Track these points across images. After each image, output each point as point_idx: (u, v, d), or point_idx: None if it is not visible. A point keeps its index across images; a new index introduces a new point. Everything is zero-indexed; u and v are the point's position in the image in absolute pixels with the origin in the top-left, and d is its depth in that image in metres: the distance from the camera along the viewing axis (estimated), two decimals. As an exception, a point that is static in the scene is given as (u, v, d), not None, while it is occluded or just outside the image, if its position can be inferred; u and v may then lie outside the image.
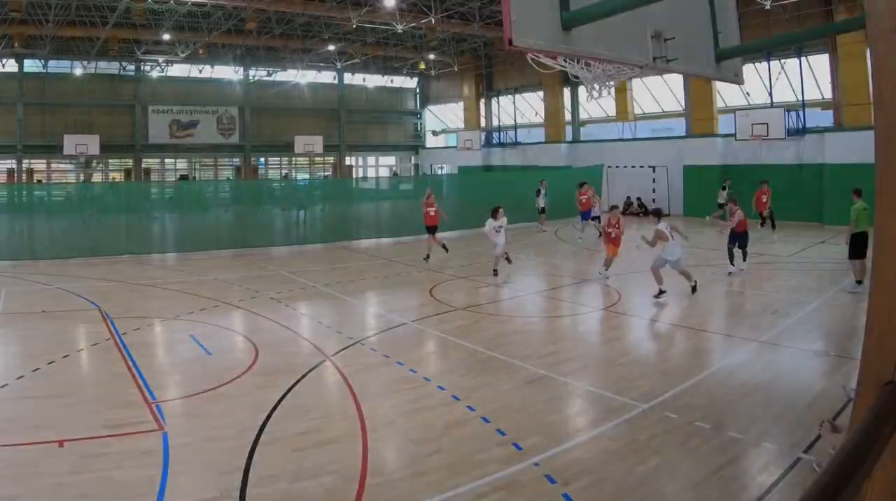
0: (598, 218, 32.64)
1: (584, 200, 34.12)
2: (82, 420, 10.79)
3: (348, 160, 73.16)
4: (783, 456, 9.43)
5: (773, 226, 32.76)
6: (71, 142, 56.31)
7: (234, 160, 68.77)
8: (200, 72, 65.89)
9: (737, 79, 11.44)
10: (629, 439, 10.11)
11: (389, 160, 77.75)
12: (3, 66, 57.61)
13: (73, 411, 11.20)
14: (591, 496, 8.42)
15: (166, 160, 66.65)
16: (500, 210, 23.53)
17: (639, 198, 49.09)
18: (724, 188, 35.56)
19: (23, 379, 12.83)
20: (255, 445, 9.85)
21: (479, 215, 28.13)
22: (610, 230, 22.30)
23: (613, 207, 24.38)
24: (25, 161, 59.42)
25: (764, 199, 32.47)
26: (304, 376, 13.13)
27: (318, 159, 71.11)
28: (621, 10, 8.45)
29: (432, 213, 28.61)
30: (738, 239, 23.05)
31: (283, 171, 71.13)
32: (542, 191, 38.21)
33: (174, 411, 11.33)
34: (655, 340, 16.19)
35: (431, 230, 28.60)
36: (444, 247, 27.90)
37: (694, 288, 19.70)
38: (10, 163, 59.30)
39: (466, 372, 13.38)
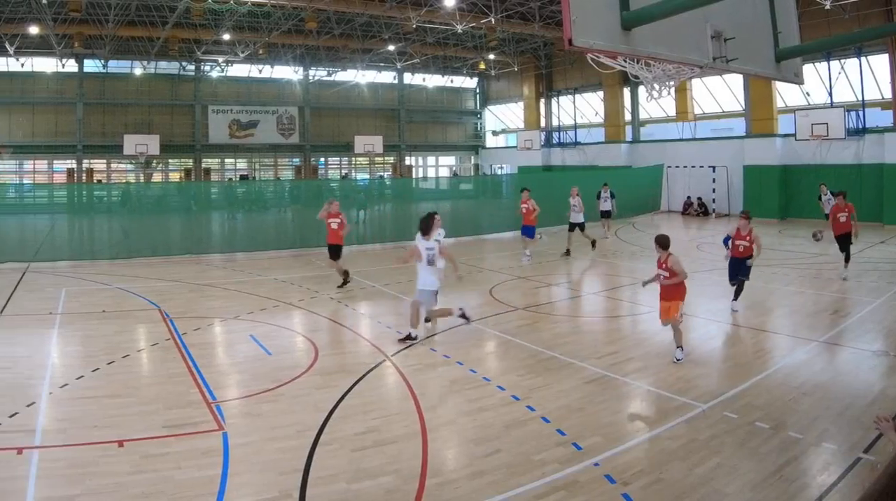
0: (581, 225, 29.54)
1: (524, 210, 28.36)
2: (142, 420, 10.91)
3: (408, 160, 73.27)
4: (843, 457, 9.40)
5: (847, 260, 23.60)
6: (131, 142, 56.93)
7: (294, 160, 69.14)
8: (260, 71, 66.26)
9: (797, 78, 11.38)
10: (689, 439, 10.10)
11: (449, 160, 77.92)
12: (64, 66, 58.11)
13: (132, 411, 11.32)
14: (650, 496, 8.44)
15: (226, 160, 67.09)
16: (436, 218, 16.25)
17: (699, 199, 48.84)
18: (823, 195, 33.87)
19: (83, 379, 12.96)
20: (314, 445, 9.92)
21: (539, 215, 27.90)
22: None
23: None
24: (85, 161, 60.16)
25: (842, 219, 23.08)
26: (363, 376, 13.19)
27: (377, 159, 71.19)
28: (681, 10, 8.44)
29: (335, 227, 22.87)
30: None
31: (343, 171, 71.34)
32: (605, 195, 35.41)
33: (234, 411, 11.43)
34: (715, 340, 16.03)
35: (335, 252, 23.01)
36: (345, 278, 22.72)
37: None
38: (71, 163, 59.93)
39: (526, 372, 13.39)
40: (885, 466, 2.18)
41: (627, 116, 58.21)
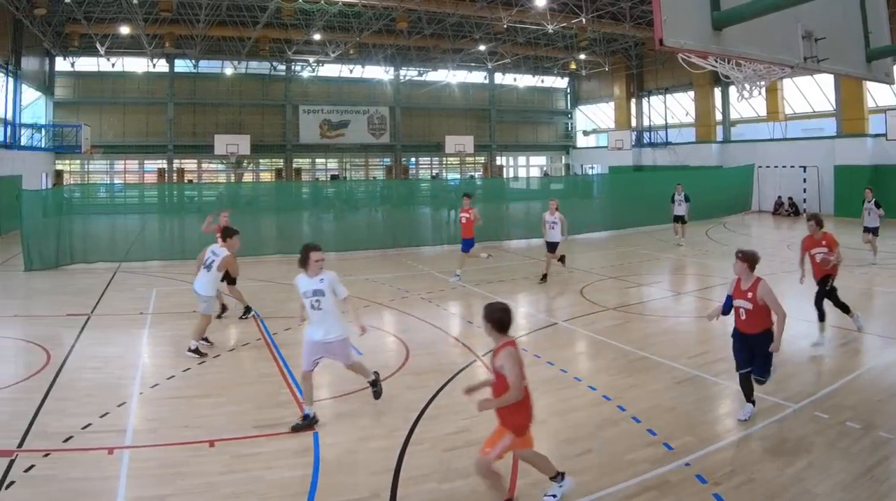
0: (555, 244, 24.14)
1: (463, 220, 24.81)
2: (233, 420, 11.12)
3: (499, 160, 73.23)
4: (935, 457, 9.28)
5: None
6: (221, 142, 57.50)
7: (385, 160, 69.42)
8: (351, 71, 66.69)
9: (888, 78, 11.25)
10: (780, 439, 10.09)
11: (540, 160, 77.75)
12: (154, 66, 59.28)
13: (223, 411, 11.54)
14: (741, 496, 8.43)
15: (317, 160, 67.62)
16: (312, 255, 11.88)
17: (790, 198, 48.36)
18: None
19: (174, 379, 13.23)
20: (405, 445, 10.03)
21: (630, 215, 27.77)
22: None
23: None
24: (176, 161, 61.17)
25: (818, 258, 17.80)
26: (454, 376, 13.29)
27: (468, 159, 71.18)
28: (772, 10, 8.40)
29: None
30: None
31: (434, 171, 71.56)
32: (678, 198, 32.38)
33: (325, 411, 11.51)
34: (806, 340, 15.82)
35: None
36: (219, 312, 18.38)
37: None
38: (161, 163, 61.01)
39: (617, 372, 13.44)
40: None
41: (718, 116, 57.85)
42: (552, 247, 23.86)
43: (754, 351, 10.84)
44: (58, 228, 27.87)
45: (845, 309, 16.16)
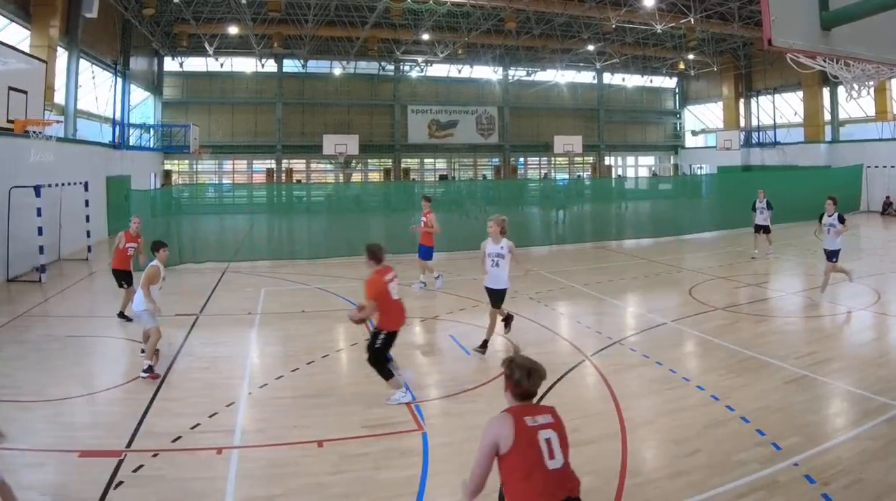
0: (503, 293, 21.75)
1: (423, 223, 23.30)
2: (341, 420, 11.22)
3: (607, 160, 72.97)
4: None
5: None
6: (330, 142, 58.25)
7: (494, 160, 69.34)
8: (459, 71, 66.95)
9: None
10: (889, 439, 9.94)
11: (648, 160, 77.18)
12: (263, 66, 60.37)
13: (332, 411, 11.65)
14: (850, 496, 8.35)
15: (425, 160, 67.87)
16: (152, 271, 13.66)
17: (900, 199, 47.22)
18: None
19: (282, 379, 13.40)
20: (513, 446, 9.96)
21: (739, 215, 27.46)
22: None
23: None
24: (285, 161, 61.83)
25: None
26: (563, 376, 13.28)
27: (576, 159, 70.94)
28: (881, 10, 8.24)
29: (130, 253, 18.70)
30: None
31: (543, 171, 71.46)
32: (760, 205, 28.62)
33: (433, 411, 11.63)
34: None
35: (123, 278, 18.66)
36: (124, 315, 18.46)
37: None
38: (270, 163, 61.80)
39: (726, 372, 13.33)
40: None
41: (827, 116, 56.98)
42: (497, 296, 15.43)
43: None
44: (166, 228, 28.29)
45: None
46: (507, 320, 15.61)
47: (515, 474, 5.84)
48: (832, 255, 20.20)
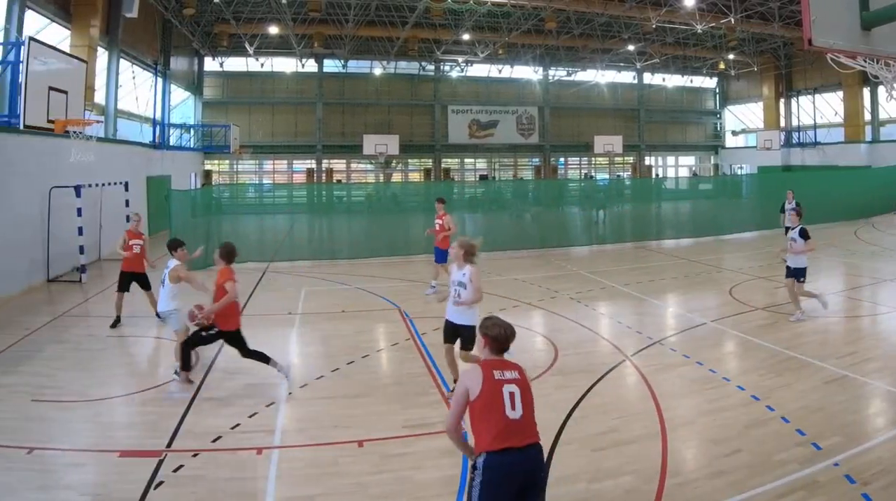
0: (472, 330, 19.22)
1: (437, 227, 22.75)
2: (382, 420, 11.23)
3: (647, 160, 72.87)
4: None
5: None
6: (370, 142, 58.36)
7: (534, 160, 69.50)
8: (500, 71, 66.95)
9: None
10: (931, 440, 9.84)
11: (689, 160, 77.04)
12: (304, 65, 60.41)
13: (372, 411, 11.66)
14: (891, 496, 8.34)
15: (465, 160, 68.04)
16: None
17: (939, 200, 46.85)
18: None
19: (322, 379, 13.42)
20: (554, 445, 10.03)
21: (779, 215, 27.32)
22: None
23: None
24: (325, 161, 62.11)
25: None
26: (603, 376, 13.27)
27: (617, 159, 70.72)
28: (921, 11, 8.21)
29: (137, 251, 18.25)
30: None
31: (584, 171, 71.59)
32: (789, 207, 25.67)
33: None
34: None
35: (136, 280, 18.24)
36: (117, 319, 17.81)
37: None
38: (310, 163, 62.05)
39: (766, 372, 13.29)
40: None
41: (867, 116, 56.84)
42: (466, 335, 11.89)
43: None
44: (207, 228, 28.44)
45: None
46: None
47: (479, 417, 6.75)
48: (797, 273, 18.01)
